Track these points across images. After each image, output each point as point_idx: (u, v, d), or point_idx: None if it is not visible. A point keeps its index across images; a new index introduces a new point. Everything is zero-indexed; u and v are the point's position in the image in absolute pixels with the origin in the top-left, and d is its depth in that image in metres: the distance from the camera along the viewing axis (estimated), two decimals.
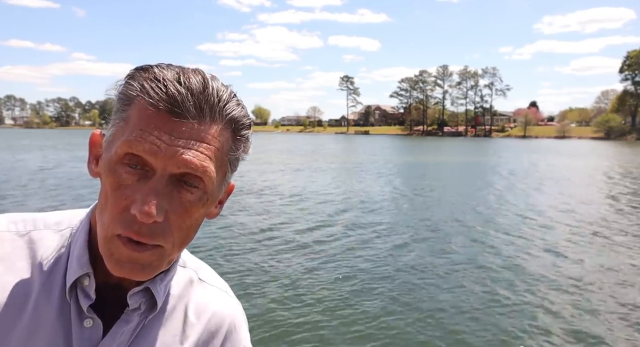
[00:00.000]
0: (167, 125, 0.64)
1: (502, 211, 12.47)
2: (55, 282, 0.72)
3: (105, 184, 0.67)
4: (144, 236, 0.64)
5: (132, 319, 0.74)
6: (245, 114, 0.71)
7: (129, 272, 0.66)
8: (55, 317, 0.70)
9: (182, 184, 0.66)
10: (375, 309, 5.57)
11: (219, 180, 0.70)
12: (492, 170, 24.68)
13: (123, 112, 0.67)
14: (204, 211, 0.70)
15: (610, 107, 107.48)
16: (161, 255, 0.67)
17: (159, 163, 0.64)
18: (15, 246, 0.73)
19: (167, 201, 0.65)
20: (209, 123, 0.66)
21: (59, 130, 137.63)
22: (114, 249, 0.65)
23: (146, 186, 0.64)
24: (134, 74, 0.68)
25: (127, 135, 0.65)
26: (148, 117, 0.64)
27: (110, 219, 0.65)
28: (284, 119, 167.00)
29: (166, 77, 0.65)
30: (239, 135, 0.71)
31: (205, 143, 0.66)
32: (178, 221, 0.67)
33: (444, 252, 8.21)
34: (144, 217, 0.62)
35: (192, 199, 0.67)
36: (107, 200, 0.66)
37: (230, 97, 0.69)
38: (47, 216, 0.79)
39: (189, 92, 0.64)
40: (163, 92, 0.64)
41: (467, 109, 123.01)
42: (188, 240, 0.71)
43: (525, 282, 6.61)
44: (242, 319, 0.90)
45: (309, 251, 8.02)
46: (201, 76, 0.66)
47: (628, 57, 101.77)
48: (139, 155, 0.64)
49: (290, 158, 32.55)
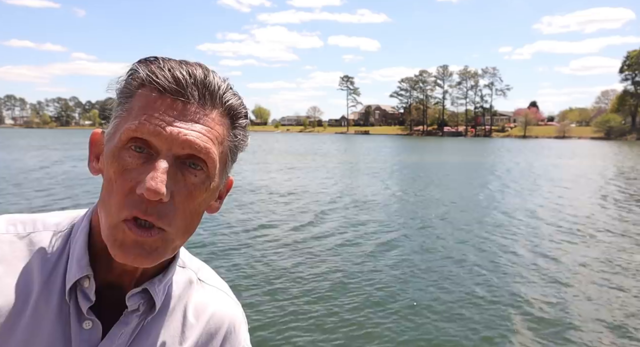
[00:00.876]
0: (171, 107, 0.66)
1: (497, 210, 12.53)
2: (55, 284, 0.72)
3: (109, 172, 0.67)
4: (151, 214, 0.64)
5: (131, 320, 0.74)
6: (242, 104, 0.74)
7: (134, 258, 0.66)
8: (55, 318, 0.70)
9: (186, 167, 0.67)
10: (374, 308, 5.62)
11: (221, 166, 0.71)
12: (490, 170, 24.72)
13: (125, 104, 0.68)
14: (206, 197, 0.71)
15: (610, 107, 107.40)
16: (166, 240, 0.67)
17: (163, 144, 0.65)
18: (14, 248, 0.73)
19: (172, 182, 0.65)
20: (210, 108, 0.68)
21: (58, 130, 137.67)
22: (119, 234, 0.65)
23: (152, 166, 0.64)
24: (138, 65, 0.69)
25: (130, 121, 0.66)
26: (152, 101, 0.66)
27: (116, 204, 0.65)
28: (284, 119, 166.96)
29: (171, 64, 0.68)
30: (237, 124, 0.73)
31: (208, 127, 0.67)
32: (183, 203, 0.67)
33: (437, 250, 8.27)
34: (151, 195, 0.62)
35: (195, 181, 0.68)
36: (111, 188, 0.67)
37: (228, 87, 0.71)
38: (47, 217, 0.79)
39: (192, 78, 0.67)
40: (169, 75, 0.66)
41: (467, 109, 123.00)
42: (191, 228, 0.71)
43: (519, 278, 6.67)
44: (242, 319, 0.90)
45: (308, 250, 8.07)
46: (201, 68, 0.69)
47: (628, 57, 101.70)
48: (143, 138, 0.65)
49: (291, 158, 32.60)
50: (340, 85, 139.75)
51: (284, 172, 22.48)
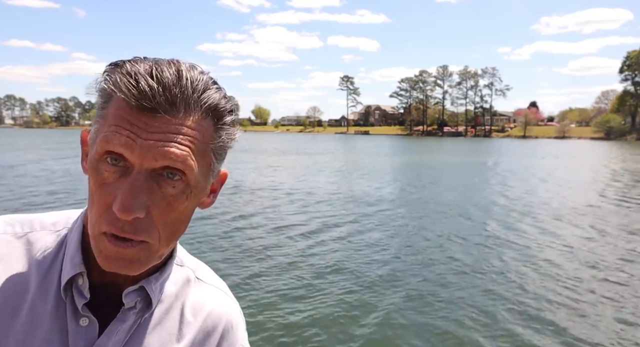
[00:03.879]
0: (141, 119, 0.63)
1: (496, 208, 12.52)
2: (52, 282, 0.73)
3: (90, 183, 0.67)
4: (127, 232, 0.64)
5: (127, 318, 0.74)
6: (226, 101, 0.70)
7: (117, 268, 0.66)
8: (52, 316, 0.71)
9: (163, 178, 0.65)
10: (372, 307, 5.57)
11: (203, 170, 0.69)
12: (488, 170, 24.67)
13: (103, 110, 0.67)
14: (189, 204, 0.69)
15: (610, 107, 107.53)
16: (148, 250, 0.67)
17: (136, 158, 0.63)
18: (12, 247, 0.74)
19: (147, 196, 0.64)
20: (183, 115, 0.65)
21: (58, 130, 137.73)
22: (102, 246, 0.65)
23: (126, 182, 0.63)
24: (109, 69, 0.67)
25: (105, 131, 0.64)
26: (122, 112, 0.64)
27: (95, 217, 0.65)
28: (284, 119, 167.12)
29: (138, 71, 0.64)
30: (221, 123, 0.69)
31: (182, 135, 0.65)
32: (161, 216, 0.66)
33: (432, 246, 8.23)
34: (123, 215, 0.62)
35: (174, 192, 0.66)
36: (92, 200, 0.66)
37: (207, 85, 0.67)
38: (44, 217, 0.79)
39: (160, 86, 0.63)
40: (134, 86, 0.62)
41: (467, 109, 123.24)
42: (177, 233, 0.70)
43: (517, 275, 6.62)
44: (239, 318, 0.90)
45: (308, 249, 8.03)
46: (175, 67, 0.65)
47: (628, 58, 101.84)
48: (118, 152, 0.63)
49: (290, 158, 32.53)
50: (340, 86, 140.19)
51: (282, 171, 22.40)
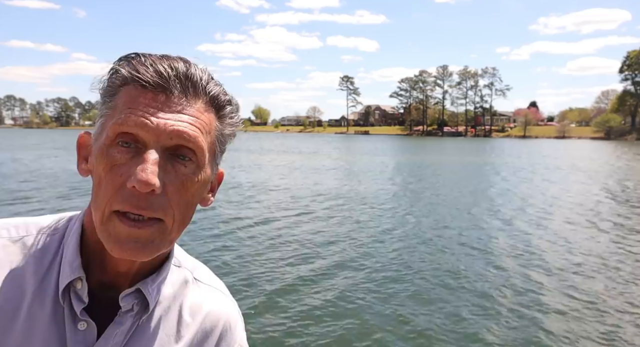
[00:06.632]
0: (156, 100, 0.66)
1: (495, 206, 12.52)
2: (49, 286, 0.72)
3: (98, 170, 0.67)
4: (144, 208, 0.63)
5: (125, 320, 0.73)
6: (225, 93, 0.74)
7: (130, 252, 0.65)
8: (50, 321, 0.70)
9: (175, 158, 0.67)
10: (372, 306, 5.57)
11: (210, 156, 0.71)
12: (488, 170, 24.68)
13: (110, 103, 0.68)
14: (198, 188, 0.70)
15: (610, 107, 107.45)
16: (162, 231, 0.67)
17: (151, 136, 0.64)
18: (8, 251, 0.73)
19: (163, 173, 0.65)
20: (194, 98, 0.69)
21: (58, 130, 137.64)
22: (112, 228, 0.64)
23: (141, 159, 0.64)
24: (120, 63, 0.70)
25: (116, 117, 0.66)
26: (136, 96, 0.66)
27: (105, 199, 0.65)
28: (284, 119, 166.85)
29: (152, 59, 0.69)
30: (222, 113, 0.73)
31: (194, 116, 0.68)
32: (176, 194, 0.67)
33: (434, 244, 8.24)
34: (143, 186, 0.61)
35: (186, 172, 0.68)
36: (100, 186, 0.66)
37: (210, 78, 0.72)
38: (40, 220, 0.78)
39: (173, 72, 0.67)
40: (151, 70, 0.67)
41: (467, 109, 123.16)
42: (187, 219, 0.71)
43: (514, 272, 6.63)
44: (238, 318, 0.90)
45: (307, 248, 8.02)
46: (183, 61, 0.70)
47: (628, 58, 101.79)
48: (130, 132, 0.64)
49: (290, 158, 32.55)
50: (340, 86, 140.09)
51: (281, 171, 22.40)
